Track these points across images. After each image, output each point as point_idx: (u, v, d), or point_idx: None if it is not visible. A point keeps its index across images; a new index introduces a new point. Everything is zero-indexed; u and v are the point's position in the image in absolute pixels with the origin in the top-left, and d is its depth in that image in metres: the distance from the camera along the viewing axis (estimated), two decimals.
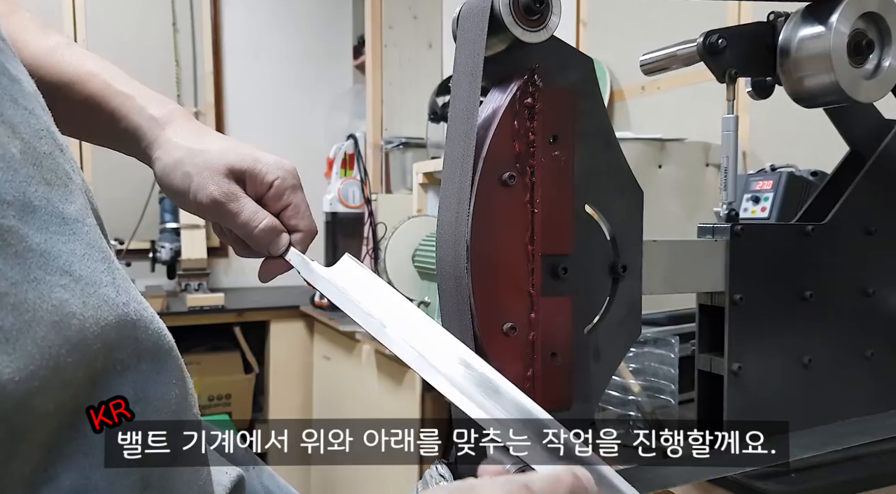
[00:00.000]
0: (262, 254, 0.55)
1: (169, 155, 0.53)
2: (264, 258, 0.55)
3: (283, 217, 0.54)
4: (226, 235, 0.57)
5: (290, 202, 0.54)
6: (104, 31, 2.95)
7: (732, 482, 0.67)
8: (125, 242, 2.64)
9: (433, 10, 2.83)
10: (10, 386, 0.27)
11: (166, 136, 0.54)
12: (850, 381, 0.75)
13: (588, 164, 0.57)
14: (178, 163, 0.53)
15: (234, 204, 0.52)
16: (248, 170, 0.53)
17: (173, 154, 0.53)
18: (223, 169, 0.52)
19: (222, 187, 0.52)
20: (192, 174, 0.52)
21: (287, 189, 0.54)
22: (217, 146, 0.53)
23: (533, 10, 0.52)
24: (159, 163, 0.54)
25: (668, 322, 1.02)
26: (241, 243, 0.56)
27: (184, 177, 0.53)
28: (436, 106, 2.35)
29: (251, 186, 0.53)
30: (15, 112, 0.32)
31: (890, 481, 0.69)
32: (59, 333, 0.30)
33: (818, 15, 0.68)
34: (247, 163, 0.53)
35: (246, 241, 0.54)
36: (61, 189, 0.33)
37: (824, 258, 0.73)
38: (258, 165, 0.53)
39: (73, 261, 0.32)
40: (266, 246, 0.53)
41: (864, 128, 0.77)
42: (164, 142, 0.54)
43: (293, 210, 0.54)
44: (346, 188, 2.45)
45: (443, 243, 0.54)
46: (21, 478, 0.29)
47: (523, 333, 0.54)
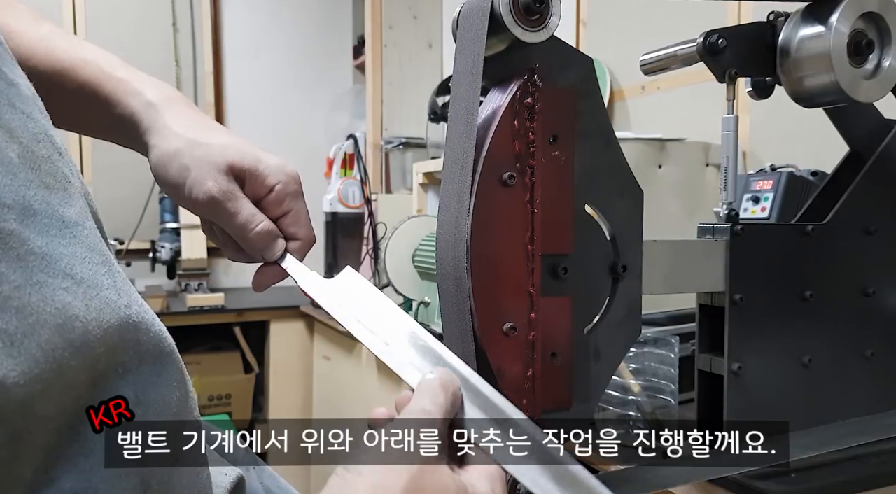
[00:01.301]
0: (255, 260, 0.53)
1: (167, 143, 0.51)
2: (259, 266, 0.53)
3: (282, 223, 0.52)
4: (216, 235, 0.54)
5: (290, 208, 0.52)
6: (104, 31, 2.95)
7: (732, 482, 0.67)
8: (125, 242, 2.65)
9: (433, 10, 2.83)
10: (15, 390, 0.27)
11: (163, 122, 0.51)
12: (850, 381, 0.75)
13: (588, 164, 0.57)
14: (176, 154, 0.50)
15: (232, 203, 0.50)
16: (250, 170, 0.50)
17: (171, 143, 0.50)
18: (223, 166, 0.50)
19: (221, 185, 0.49)
20: (189, 167, 0.50)
21: (288, 195, 0.51)
22: (218, 140, 0.51)
23: (533, 10, 0.52)
24: (156, 151, 0.51)
25: (668, 322, 1.02)
26: (234, 246, 0.53)
27: (181, 169, 0.50)
28: (436, 106, 2.35)
29: (251, 187, 0.51)
30: (13, 116, 0.32)
31: (890, 481, 0.69)
32: (62, 336, 0.30)
33: (818, 15, 0.68)
34: (248, 163, 0.50)
35: (240, 244, 0.52)
36: (60, 192, 0.33)
37: (824, 258, 0.73)
38: (260, 166, 0.51)
39: (75, 265, 0.32)
40: (261, 250, 0.51)
41: (864, 128, 0.77)
42: (160, 129, 0.51)
43: (293, 217, 0.52)
44: (346, 188, 2.45)
45: (443, 243, 0.54)
46: (22, 480, 0.29)
47: (523, 333, 0.54)
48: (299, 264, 0.52)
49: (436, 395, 0.40)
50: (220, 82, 3.18)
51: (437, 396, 0.40)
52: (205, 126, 0.52)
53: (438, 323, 1.42)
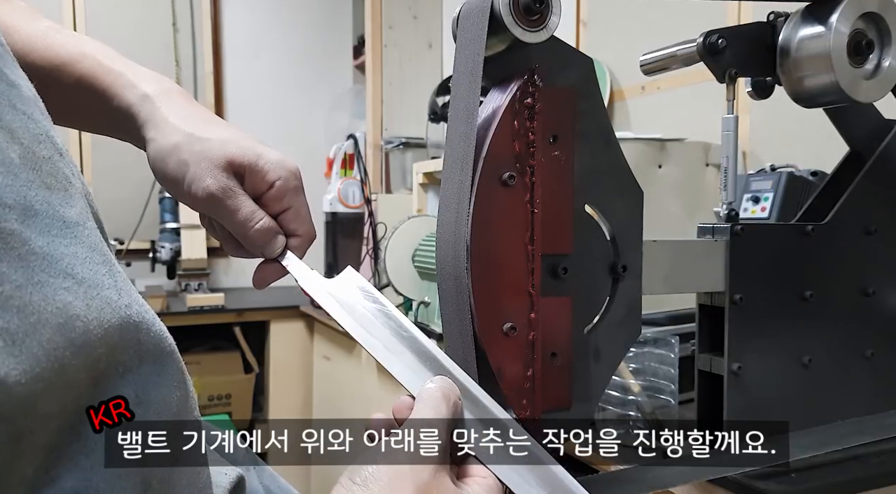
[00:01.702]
0: (255, 255, 0.52)
1: (165, 137, 0.50)
2: (259, 262, 0.52)
3: (283, 219, 0.52)
4: (216, 230, 0.54)
5: (290, 205, 0.51)
6: (104, 31, 2.95)
7: (732, 482, 0.67)
8: (125, 242, 2.64)
9: (433, 10, 2.83)
10: (17, 388, 0.28)
11: (162, 116, 0.51)
12: (850, 381, 0.75)
13: (588, 164, 0.57)
14: (175, 149, 0.49)
15: (232, 200, 0.49)
16: (249, 165, 0.50)
17: (170, 137, 0.50)
18: (223, 161, 0.49)
19: (220, 181, 0.49)
20: (188, 162, 0.49)
21: (289, 191, 0.51)
22: (218, 135, 0.50)
23: (533, 10, 0.52)
24: (153, 145, 0.50)
25: (668, 322, 1.02)
26: (234, 241, 0.52)
27: (179, 164, 0.49)
28: (436, 106, 2.35)
29: (250, 183, 0.50)
30: (13, 117, 0.32)
31: (890, 481, 0.69)
32: (63, 335, 0.30)
33: (818, 15, 0.68)
34: (248, 158, 0.50)
35: (240, 240, 0.51)
36: (61, 193, 0.33)
37: (824, 258, 0.73)
38: (260, 162, 0.50)
39: (76, 264, 0.32)
40: (261, 247, 0.51)
41: (864, 128, 0.77)
42: (159, 122, 0.51)
43: (293, 213, 0.52)
44: (346, 188, 2.45)
45: (443, 243, 0.54)
46: (23, 480, 0.29)
47: (523, 333, 0.54)
48: (300, 262, 0.51)
49: (438, 404, 0.41)
50: (220, 82, 3.18)
51: (438, 405, 0.41)
52: (204, 119, 0.52)
53: (438, 323, 1.42)
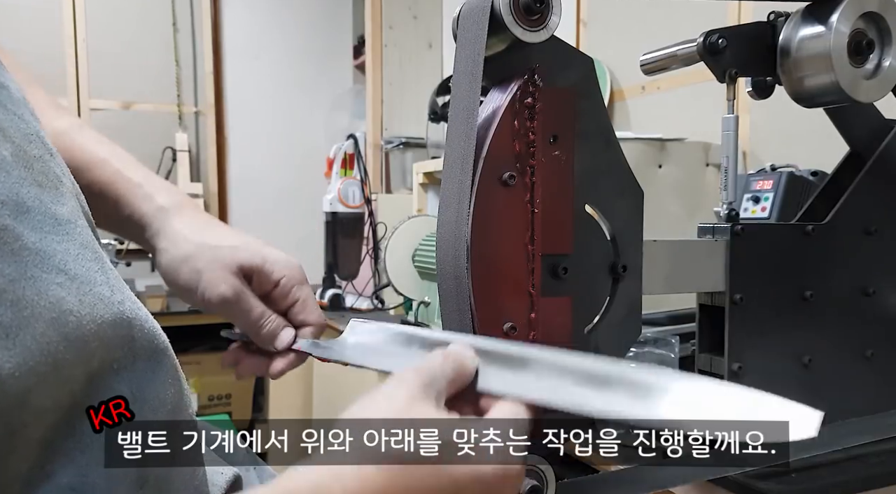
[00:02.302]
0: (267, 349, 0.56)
1: (177, 248, 0.53)
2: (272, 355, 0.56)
3: (291, 312, 0.56)
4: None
5: (297, 298, 0.55)
6: (104, 31, 2.95)
7: (732, 482, 0.67)
8: (125, 242, 2.64)
9: (433, 10, 2.83)
10: (10, 381, 0.28)
11: (173, 227, 0.54)
12: (850, 381, 0.75)
13: (588, 164, 0.57)
14: (188, 259, 0.53)
15: (245, 303, 0.53)
16: (257, 267, 0.54)
17: (182, 248, 0.53)
18: (234, 267, 0.53)
19: (234, 287, 0.53)
20: (202, 271, 0.53)
21: (293, 286, 0.55)
22: (228, 242, 0.54)
23: (533, 10, 0.52)
24: (166, 255, 0.54)
25: (668, 322, 1.02)
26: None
27: (192, 273, 0.53)
28: (436, 106, 2.35)
29: (258, 283, 0.54)
30: (4, 116, 0.33)
31: (890, 481, 0.69)
32: (56, 330, 0.30)
33: (818, 15, 0.68)
34: (256, 261, 0.54)
35: (251, 338, 0.55)
36: (52, 191, 0.33)
37: (824, 258, 0.73)
38: (266, 264, 0.54)
39: (68, 261, 0.32)
40: (271, 342, 0.55)
41: (864, 128, 0.77)
42: (170, 233, 0.54)
43: (301, 305, 0.56)
44: (346, 188, 2.45)
45: (443, 243, 0.54)
46: (18, 475, 0.29)
47: (523, 333, 0.54)
48: (308, 339, 0.56)
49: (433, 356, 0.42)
50: (220, 82, 3.18)
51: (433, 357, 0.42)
52: (213, 228, 0.55)
53: (438, 323, 1.42)
